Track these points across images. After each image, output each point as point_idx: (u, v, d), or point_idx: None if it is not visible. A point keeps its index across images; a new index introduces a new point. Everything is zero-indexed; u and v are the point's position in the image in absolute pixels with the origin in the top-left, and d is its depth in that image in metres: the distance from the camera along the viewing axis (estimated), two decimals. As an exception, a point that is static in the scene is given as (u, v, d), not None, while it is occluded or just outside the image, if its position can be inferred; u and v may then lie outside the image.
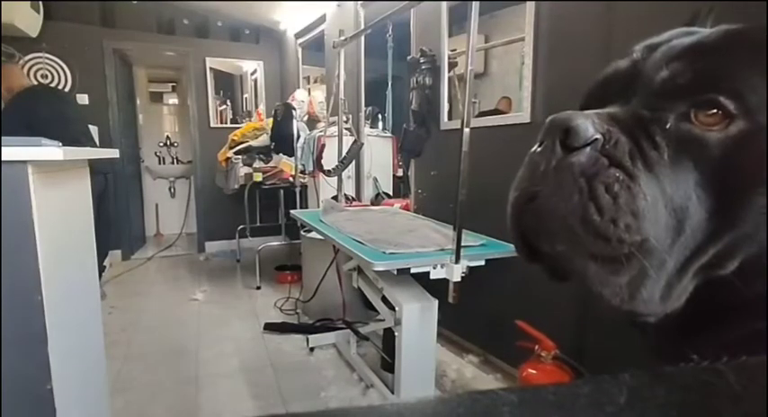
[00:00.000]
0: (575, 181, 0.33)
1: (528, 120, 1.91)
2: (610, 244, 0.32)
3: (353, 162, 2.89)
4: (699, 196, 0.32)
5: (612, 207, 0.32)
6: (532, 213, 0.36)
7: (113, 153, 1.61)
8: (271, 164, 3.84)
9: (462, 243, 1.52)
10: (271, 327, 2.64)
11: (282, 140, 3.42)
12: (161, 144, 5.27)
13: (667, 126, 0.33)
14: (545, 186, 0.34)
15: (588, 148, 0.33)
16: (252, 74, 4.73)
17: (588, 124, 0.33)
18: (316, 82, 4.49)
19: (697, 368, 0.20)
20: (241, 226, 4.10)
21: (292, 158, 3.47)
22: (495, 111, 2.92)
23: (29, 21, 3.38)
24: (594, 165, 0.33)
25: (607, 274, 0.33)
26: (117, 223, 4.13)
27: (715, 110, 0.31)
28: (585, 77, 0.42)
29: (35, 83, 3.41)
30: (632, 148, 0.33)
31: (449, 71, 2.41)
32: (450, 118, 2.43)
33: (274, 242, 3.83)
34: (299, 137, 3.37)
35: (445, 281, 1.56)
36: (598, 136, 0.33)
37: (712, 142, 0.31)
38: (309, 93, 3.97)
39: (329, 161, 2.81)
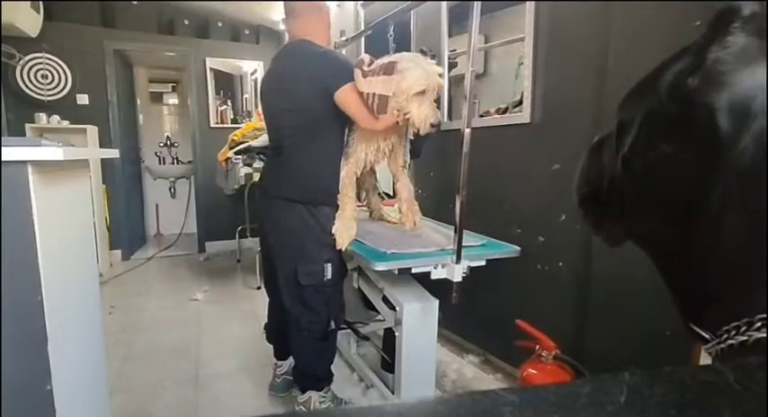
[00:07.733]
0: None
1: (528, 121, 1.90)
2: None
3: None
4: None
5: None
6: None
7: (113, 153, 1.61)
8: (271, 164, 3.84)
9: (463, 244, 1.52)
10: (271, 327, 2.63)
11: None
12: (161, 144, 5.27)
13: None
14: None
15: None
16: (252, 74, 4.73)
17: None
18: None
19: (696, 367, 0.20)
20: (241, 227, 4.09)
21: (292, 158, 3.46)
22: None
23: (29, 21, 3.38)
24: None
25: None
26: (117, 223, 4.13)
27: None
28: (585, 77, 0.43)
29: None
30: None
31: (449, 71, 2.41)
32: (450, 118, 2.43)
33: (274, 242, 3.82)
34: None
35: (445, 281, 1.56)
36: None
37: None
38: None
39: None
